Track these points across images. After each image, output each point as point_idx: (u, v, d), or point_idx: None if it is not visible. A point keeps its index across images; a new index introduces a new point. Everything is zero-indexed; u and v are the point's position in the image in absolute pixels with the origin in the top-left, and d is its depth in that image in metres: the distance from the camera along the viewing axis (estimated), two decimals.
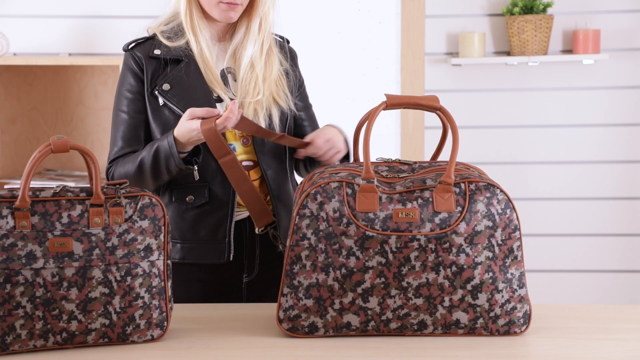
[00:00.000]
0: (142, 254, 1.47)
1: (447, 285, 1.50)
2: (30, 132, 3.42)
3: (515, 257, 1.53)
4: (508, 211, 1.52)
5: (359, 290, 1.49)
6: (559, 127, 3.50)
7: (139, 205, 1.47)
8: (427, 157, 3.50)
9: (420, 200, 1.50)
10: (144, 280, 1.47)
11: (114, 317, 1.46)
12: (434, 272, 1.49)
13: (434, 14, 3.46)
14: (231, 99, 1.92)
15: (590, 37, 3.33)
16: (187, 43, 1.92)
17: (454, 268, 1.49)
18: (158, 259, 1.49)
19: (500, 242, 1.51)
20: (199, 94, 1.90)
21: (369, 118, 1.53)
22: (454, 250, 1.49)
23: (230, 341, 1.51)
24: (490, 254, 1.51)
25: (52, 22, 3.39)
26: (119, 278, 1.45)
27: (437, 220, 1.49)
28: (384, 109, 1.55)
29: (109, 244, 1.44)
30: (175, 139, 1.80)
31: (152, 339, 1.51)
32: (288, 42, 2.07)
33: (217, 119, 1.76)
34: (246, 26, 1.95)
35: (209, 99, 1.90)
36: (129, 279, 1.45)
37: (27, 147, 3.43)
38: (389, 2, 3.60)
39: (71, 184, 2.85)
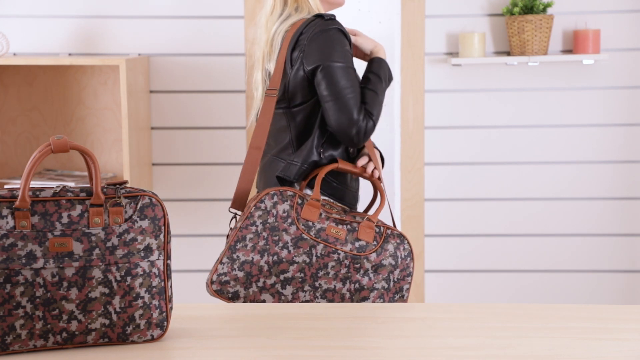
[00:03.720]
0: (142, 254, 1.47)
1: (347, 297, 1.95)
2: (30, 132, 3.42)
3: (402, 297, 2.03)
4: (408, 259, 2.03)
5: (282, 277, 1.93)
6: (558, 127, 3.50)
7: (139, 205, 1.47)
8: (427, 156, 3.50)
9: (348, 226, 2.00)
10: (144, 280, 1.47)
11: (114, 317, 1.46)
12: (342, 283, 1.95)
13: (434, 14, 3.46)
14: None
15: (590, 37, 3.33)
16: None
17: (357, 285, 1.96)
18: (158, 259, 1.49)
19: (395, 279, 2.00)
20: None
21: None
22: (362, 272, 1.97)
23: (231, 341, 1.51)
24: (386, 285, 1.99)
25: (52, 22, 3.39)
26: (119, 278, 1.45)
27: (357, 244, 1.99)
28: None
29: (109, 244, 1.44)
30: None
31: (152, 339, 1.51)
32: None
33: None
34: None
35: None
36: (129, 279, 1.45)
37: (27, 147, 3.43)
38: (389, 2, 3.60)
39: (71, 184, 2.85)
